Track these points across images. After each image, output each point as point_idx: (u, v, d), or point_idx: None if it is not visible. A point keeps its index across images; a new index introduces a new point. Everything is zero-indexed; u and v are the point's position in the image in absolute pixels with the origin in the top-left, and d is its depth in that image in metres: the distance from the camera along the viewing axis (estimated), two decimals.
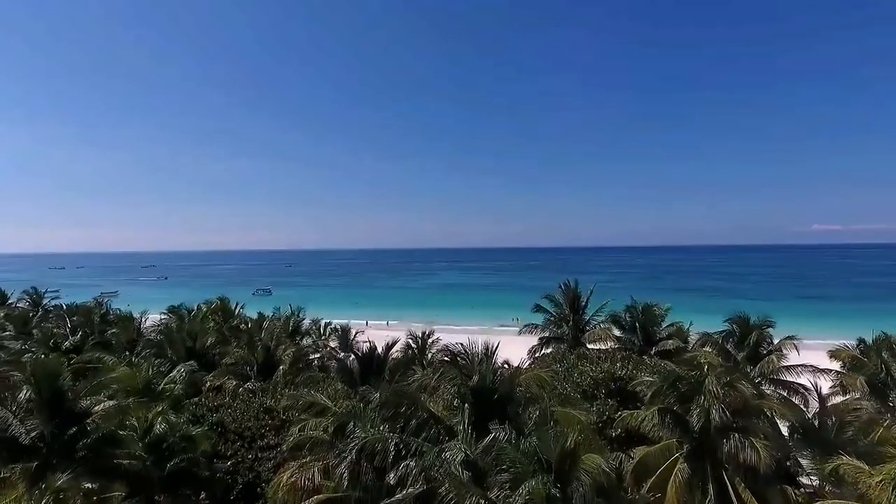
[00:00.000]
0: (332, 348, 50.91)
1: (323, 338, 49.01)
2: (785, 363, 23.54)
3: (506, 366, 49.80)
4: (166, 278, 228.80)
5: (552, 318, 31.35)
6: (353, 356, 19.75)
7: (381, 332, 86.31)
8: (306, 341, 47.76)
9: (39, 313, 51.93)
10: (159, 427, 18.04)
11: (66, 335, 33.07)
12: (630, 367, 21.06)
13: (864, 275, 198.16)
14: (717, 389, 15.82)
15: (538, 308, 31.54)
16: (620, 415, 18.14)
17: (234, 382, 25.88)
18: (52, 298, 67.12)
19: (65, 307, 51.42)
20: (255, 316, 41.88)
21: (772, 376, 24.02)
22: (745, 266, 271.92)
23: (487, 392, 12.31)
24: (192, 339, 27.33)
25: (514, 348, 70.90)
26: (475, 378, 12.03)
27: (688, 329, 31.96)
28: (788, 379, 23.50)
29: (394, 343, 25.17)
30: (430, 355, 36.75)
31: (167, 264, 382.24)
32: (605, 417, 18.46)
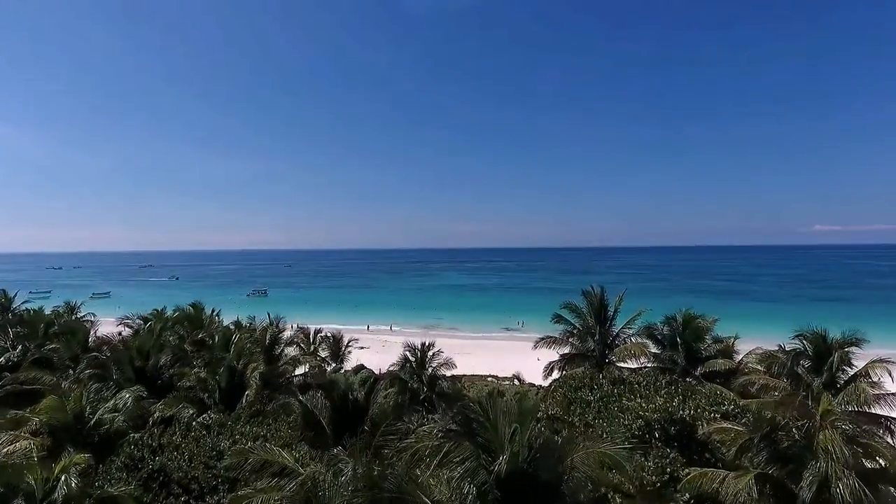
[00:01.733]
0: (323, 359, 46.11)
1: (312, 347, 44.17)
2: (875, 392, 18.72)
3: (522, 382, 44.02)
4: (177, 278, 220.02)
5: (574, 331, 26.50)
6: (321, 394, 15.04)
7: (382, 336, 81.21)
8: (290, 351, 42.92)
9: (6, 318, 47.19)
10: (63, 489, 13.33)
11: (6, 348, 28.34)
12: (692, 406, 16.18)
13: (878, 276, 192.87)
14: (840, 450, 10.94)
15: (558, 318, 26.64)
16: (688, 473, 13.28)
17: (190, 412, 21.07)
18: (24, 302, 61.92)
19: (30, 312, 46.73)
20: (239, 323, 36.84)
21: (851, 407, 19.22)
22: (754, 266, 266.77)
23: (521, 479, 7.57)
24: (144, 357, 22.58)
25: (524, 357, 65.39)
26: (502, 462, 7.27)
27: (733, 343, 27.15)
28: (879, 413, 18.65)
29: (379, 377, 20.11)
30: (430, 370, 32.27)
31: (168, 264, 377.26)
32: (665, 476, 13.61)
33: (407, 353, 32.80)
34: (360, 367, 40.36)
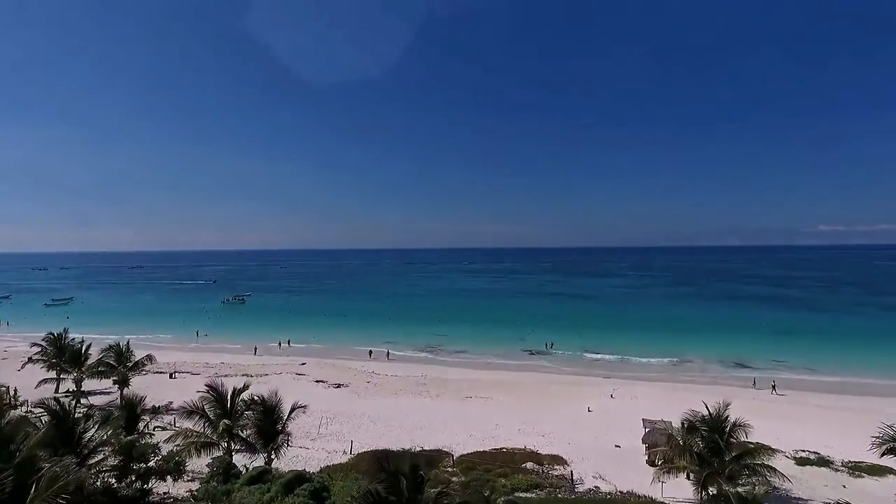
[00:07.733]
0: (245, 439, 27.53)
1: (223, 425, 25.56)
2: None
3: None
4: (214, 281, 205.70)
5: None
6: None
7: (372, 365, 59.48)
8: (188, 426, 24.56)
9: None
10: None
11: None
12: None
13: None
14: None
15: None
16: None
17: None
18: None
19: None
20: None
21: None
22: (779, 268, 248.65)
23: None
24: None
25: (568, 402, 43.07)
26: None
27: None
28: None
29: None
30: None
31: (166, 264, 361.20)
32: None
33: (378, 489, 15.35)
34: (299, 476, 22.19)
